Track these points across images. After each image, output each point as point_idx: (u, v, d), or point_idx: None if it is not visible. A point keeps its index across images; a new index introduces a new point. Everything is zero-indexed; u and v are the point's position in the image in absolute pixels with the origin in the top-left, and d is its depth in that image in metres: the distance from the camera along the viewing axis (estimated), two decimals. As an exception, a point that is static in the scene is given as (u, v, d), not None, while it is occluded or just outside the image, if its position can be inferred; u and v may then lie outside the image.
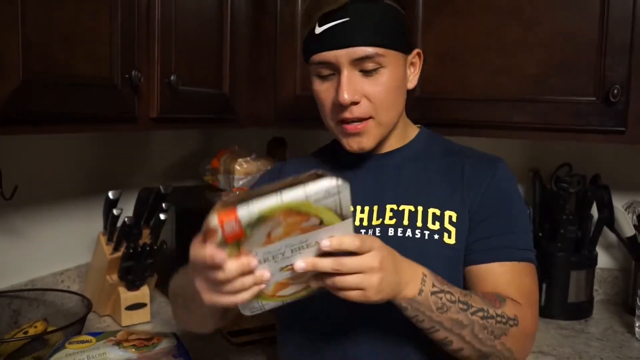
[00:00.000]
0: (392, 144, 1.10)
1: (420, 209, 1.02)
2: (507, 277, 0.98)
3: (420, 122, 1.18)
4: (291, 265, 0.78)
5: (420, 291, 0.85)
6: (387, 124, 1.03)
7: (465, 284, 1.02)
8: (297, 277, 0.80)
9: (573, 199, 1.70)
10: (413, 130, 1.14)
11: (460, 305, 0.88)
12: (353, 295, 0.79)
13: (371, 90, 0.99)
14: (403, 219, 1.02)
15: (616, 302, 1.80)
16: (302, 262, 0.77)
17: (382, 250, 0.80)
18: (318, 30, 0.98)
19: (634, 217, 1.70)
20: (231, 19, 1.59)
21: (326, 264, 0.77)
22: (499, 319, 0.91)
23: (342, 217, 0.77)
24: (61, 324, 1.33)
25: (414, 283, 0.85)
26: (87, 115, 1.17)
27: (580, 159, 1.78)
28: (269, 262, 0.78)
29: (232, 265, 0.73)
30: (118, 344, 1.21)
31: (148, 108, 1.33)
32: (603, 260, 1.81)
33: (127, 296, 1.51)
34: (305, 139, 1.86)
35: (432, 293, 0.86)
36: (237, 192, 1.23)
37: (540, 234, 1.71)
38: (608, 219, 1.70)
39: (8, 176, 1.31)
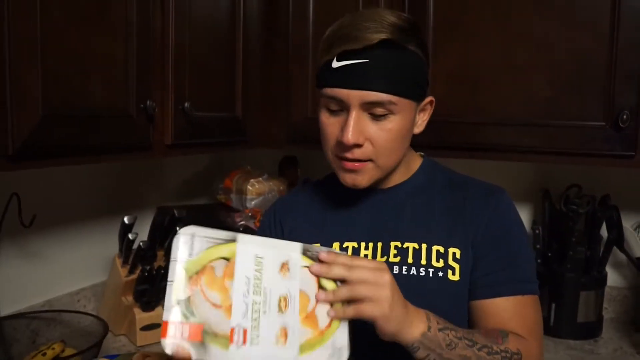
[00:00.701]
0: (395, 179, 1.10)
1: (424, 246, 1.03)
2: (511, 312, 0.98)
3: (430, 145, 1.18)
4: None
5: (429, 327, 0.86)
6: (385, 168, 1.03)
7: (470, 318, 1.03)
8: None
9: (582, 220, 1.71)
10: (415, 162, 1.13)
11: (466, 342, 0.88)
12: (367, 310, 0.81)
13: (376, 135, 0.98)
14: (407, 257, 1.03)
15: (625, 321, 1.81)
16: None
17: (392, 279, 0.83)
18: (335, 64, 0.96)
19: (644, 238, 1.71)
20: (243, 42, 1.61)
21: (337, 270, 0.82)
22: (503, 354, 0.91)
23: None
24: (78, 344, 1.36)
25: (420, 320, 0.86)
26: (104, 146, 1.20)
27: (590, 179, 1.79)
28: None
29: None
30: (134, 367, 1.24)
31: (162, 135, 1.36)
32: (612, 278, 1.82)
33: (142, 317, 1.53)
34: (317, 158, 1.87)
35: (440, 330, 0.87)
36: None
37: (549, 254, 1.72)
38: (617, 239, 1.71)
39: (26, 202, 1.34)
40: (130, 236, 1.49)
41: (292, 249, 0.85)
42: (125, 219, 1.49)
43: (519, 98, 1.49)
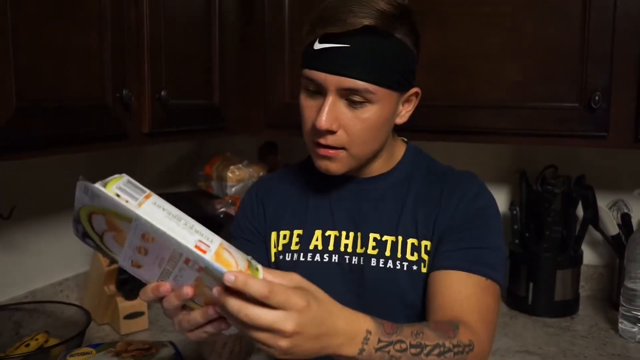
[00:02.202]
0: (377, 168, 1.08)
1: (400, 239, 1.02)
2: (470, 290, 0.95)
3: (407, 129, 1.13)
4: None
5: (362, 350, 0.77)
6: (359, 158, 1.00)
7: (427, 292, 0.99)
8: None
9: (559, 200, 1.74)
10: (399, 150, 1.11)
11: (413, 351, 0.82)
12: (260, 346, 0.71)
13: (351, 124, 0.95)
14: (385, 249, 1.02)
15: (601, 298, 1.85)
16: (231, 278, 0.66)
17: (304, 315, 0.69)
18: (317, 46, 0.94)
19: (618, 216, 1.75)
20: (219, 29, 1.61)
21: (233, 305, 0.67)
22: (456, 349, 0.87)
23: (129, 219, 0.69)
24: (61, 334, 1.37)
25: (352, 343, 0.76)
26: (81, 136, 1.20)
27: (566, 160, 1.82)
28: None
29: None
30: (117, 354, 1.25)
31: (140, 124, 1.36)
32: (588, 257, 1.86)
33: (125, 305, 1.54)
34: (297, 144, 1.89)
35: (378, 349, 0.78)
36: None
37: (526, 234, 1.76)
38: (593, 218, 1.74)
39: (5, 194, 1.34)
40: (110, 225, 1.49)
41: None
42: (105, 209, 1.49)
43: (493, 82, 1.50)
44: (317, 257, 1.05)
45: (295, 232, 1.09)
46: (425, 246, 1.01)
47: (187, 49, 1.50)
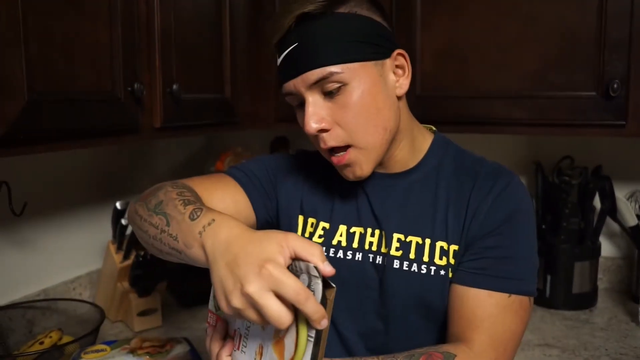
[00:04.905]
0: (402, 162, 1.00)
1: (427, 241, 0.95)
2: (487, 312, 0.89)
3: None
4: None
5: None
6: (371, 147, 0.92)
7: (448, 300, 0.94)
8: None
9: (575, 191, 1.72)
10: (425, 140, 1.02)
11: None
12: None
13: (340, 116, 0.89)
14: (410, 251, 0.95)
15: (620, 290, 1.82)
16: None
17: None
18: (279, 61, 0.91)
19: (636, 207, 1.72)
20: (230, 23, 1.59)
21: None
22: None
23: None
24: (75, 331, 1.37)
25: None
26: (92, 130, 1.19)
27: (582, 150, 1.80)
28: None
29: None
30: (132, 351, 1.24)
31: (151, 118, 1.35)
32: (606, 249, 1.83)
33: (139, 303, 1.53)
34: (307, 138, 1.86)
35: None
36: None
37: (543, 226, 1.73)
38: (610, 209, 1.72)
39: (17, 191, 1.33)
40: (123, 222, 1.49)
41: None
42: (118, 205, 1.48)
43: (509, 71, 1.48)
44: (340, 254, 0.99)
45: (322, 224, 1.04)
46: (455, 250, 0.94)
47: (197, 42, 1.49)
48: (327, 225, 1.03)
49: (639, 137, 1.43)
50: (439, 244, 0.95)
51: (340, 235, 1.01)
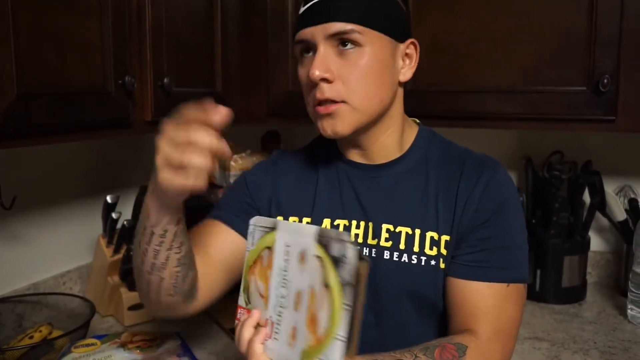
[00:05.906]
0: (386, 151, 1.01)
1: (417, 232, 0.96)
2: (489, 303, 0.91)
3: (412, 115, 1.11)
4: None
5: None
6: (362, 110, 0.93)
7: (445, 293, 0.96)
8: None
9: (565, 186, 1.73)
10: (411, 132, 1.05)
11: None
12: None
13: (345, 71, 0.91)
14: (399, 242, 0.96)
15: (609, 285, 1.84)
16: None
17: None
18: (302, 9, 0.94)
19: (625, 202, 1.73)
20: (221, 17, 1.58)
21: None
22: None
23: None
24: (65, 326, 1.36)
25: None
26: (83, 123, 1.18)
27: (572, 145, 1.81)
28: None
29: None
30: (123, 345, 1.24)
31: (142, 112, 1.33)
32: (596, 243, 1.84)
33: (129, 296, 1.53)
34: (299, 133, 1.87)
35: None
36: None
37: (533, 221, 1.74)
38: (600, 204, 1.73)
39: (7, 184, 1.32)
40: (113, 215, 1.48)
41: (307, 233, 0.77)
42: (108, 198, 1.48)
43: (500, 66, 1.48)
44: None
45: (304, 220, 1.04)
46: (446, 240, 0.95)
47: (189, 36, 1.48)
48: (309, 220, 1.03)
49: (628, 132, 1.44)
50: (429, 234, 0.96)
51: None
